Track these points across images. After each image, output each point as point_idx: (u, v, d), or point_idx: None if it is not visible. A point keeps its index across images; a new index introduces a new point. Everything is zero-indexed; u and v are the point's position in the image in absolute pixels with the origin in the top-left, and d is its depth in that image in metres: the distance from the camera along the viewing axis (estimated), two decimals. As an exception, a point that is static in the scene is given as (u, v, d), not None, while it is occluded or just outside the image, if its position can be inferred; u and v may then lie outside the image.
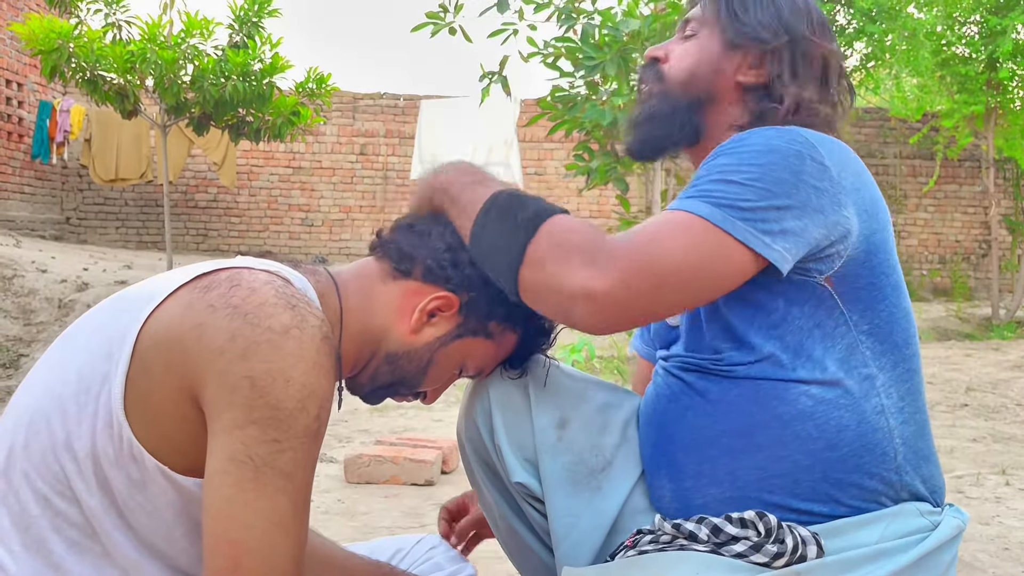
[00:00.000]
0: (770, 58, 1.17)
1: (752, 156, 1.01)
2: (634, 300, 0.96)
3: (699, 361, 1.11)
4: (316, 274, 1.06)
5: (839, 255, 1.03)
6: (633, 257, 0.96)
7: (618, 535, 1.13)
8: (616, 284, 0.94)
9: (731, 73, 1.18)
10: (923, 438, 1.09)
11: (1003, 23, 7.79)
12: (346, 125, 10.20)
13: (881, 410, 1.05)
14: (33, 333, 5.40)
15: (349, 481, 2.81)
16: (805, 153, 1.01)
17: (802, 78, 1.16)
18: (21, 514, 0.91)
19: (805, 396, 1.04)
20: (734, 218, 0.98)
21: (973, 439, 3.88)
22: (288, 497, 0.87)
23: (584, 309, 0.96)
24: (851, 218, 1.03)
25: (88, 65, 5.83)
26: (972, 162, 10.17)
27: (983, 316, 8.51)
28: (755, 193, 0.98)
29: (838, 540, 1.02)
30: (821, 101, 1.17)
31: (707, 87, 1.18)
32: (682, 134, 1.19)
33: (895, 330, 1.08)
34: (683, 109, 1.18)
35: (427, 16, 4.39)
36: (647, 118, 1.21)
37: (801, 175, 1.00)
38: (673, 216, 0.99)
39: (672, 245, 0.97)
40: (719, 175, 1.01)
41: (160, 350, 0.90)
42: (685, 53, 1.20)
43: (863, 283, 1.06)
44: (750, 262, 0.99)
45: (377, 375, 1.09)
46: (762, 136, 1.03)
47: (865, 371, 1.05)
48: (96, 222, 10.02)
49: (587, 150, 4.72)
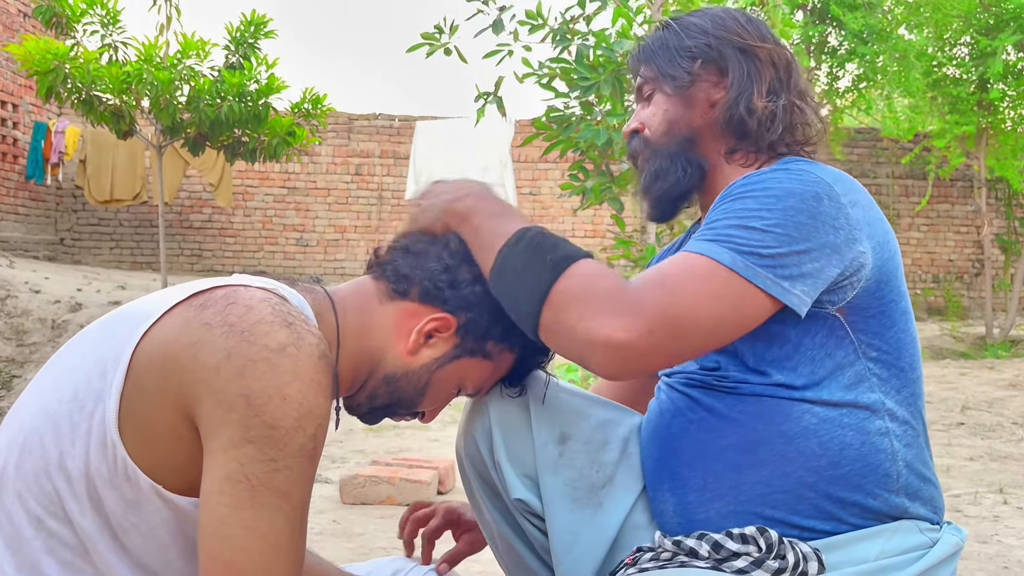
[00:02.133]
0: (722, 67, 1.19)
1: (771, 200, 1.02)
2: (655, 350, 0.97)
3: (704, 378, 1.11)
4: (313, 292, 1.06)
5: (852, 286, 1.05)
6: (657, 307, 0.96)
7: (619, 551, 1.13)
8: (640, 335, 0.95)
9: (702, 101, 1.20)
10: (924, 460, 1.10)
11: (993, 44, 7.87)
12: (341, 145, 10.23)
13: (886, 432, 1.06)
14: (26, 354, 5.37)
15: (345, 502, 2.78)
16: (822, 194, 1.03)
17: (759, 76, 1.18)
18: (14, 535, 0.90)
19: (809, 414, 1.04)
20: (756, 266, 0.99)
21: (970, 458, 3.87)
22: (285, 517, 0.86)
23: (603, 357, 0.97)
24: (866, 252, 1.05)
25: (84, 86, 5.84)
26: (964, 182, 10.23)
27: (977, 335, 8.52)
28: (775, 239, 1.00)
29: (838, 555, 1.02)
30: (793, 100, 1.20)
31: (688, 124, 1.21)
32: (688, 176, 1.20)
33: (902, 356, 1.09)
34: (678, 154, 1.21)
35: (422, 37, 4.41)
36: (652, 179, 1.22)
37: (819, 217, 1.01)
38: (696, 262, 1.00)
39: (696, 296, 0.98)
40: (739, 220, 1.02)
41: (155, 368, 0.89)
42: (654, 111, 1.24)
43: (873, 312, 1.07)
44: (769, 307, 1.01)
45: (375, 396, 1.09)
46: (779, 178, 1.05)
47: (873, 396, 1.06)
48: (90, 243, 10.00)
49: (582, 170, 4.73)
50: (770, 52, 1.20)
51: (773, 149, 1.20)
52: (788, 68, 1.21)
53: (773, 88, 1.19)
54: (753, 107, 1.17)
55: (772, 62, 1.20)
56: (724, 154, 1.20)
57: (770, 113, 1.17)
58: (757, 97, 1.17)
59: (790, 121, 1.19)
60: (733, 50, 1.19)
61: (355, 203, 10.26)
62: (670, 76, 1.21)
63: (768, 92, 1.18)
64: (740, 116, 1.17)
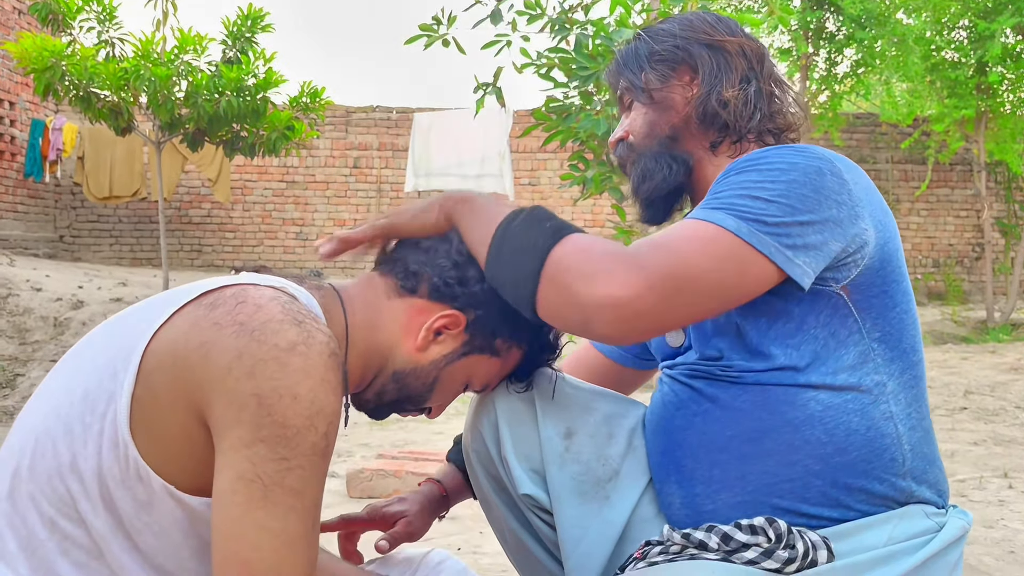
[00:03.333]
0: (692, 66, 1.21)
1: (775, 173, 1.02)
2: (656, 308, 0.96)
3: (707, 368, 1.11)
4: (321, 289, 1.06)
5: (856, 264, 1.05)
6: (658, 265, 0.96)
7: (627, 544, 1.13)
8: (640, 292, 0.95)
9: (679, 100, 1.22)
10: (929, 443, 1.10)
11: (991, 27, 7.84)
12: (339, 139, 10.21)
13: (890, 416, 1.06)
14: (29, 352, 5.38)
15: (352, 496, 2.79)
16: (825, 169, 1.03)
17: (728, 68, 1.20)
18: (28, 538, 0.90)
19: (814, 401, 1.05)
20: (760, 232, 0.99)
21: (974, 442, 3.88)
22: (298, 515, 0.87)
23: (606, 317, 0.95)
24: (868, 229, 1.05)
25: (81, 83, 5.82)
26: (963, 166, 10.21)
27: (978, 319, 8.53)
28: (780, 209, 1.00)
29: (846, 542, 1.03)
30: (766, 87, 1.21)
31: (667, 124, 1.22)
32: (673, 172, 1.22)
33: (904, 336, 1.09)
34: (662, 153, 1.22)
35: (420, 28, 4.39)
36: (640, 180, 1.24)
37: (822, 190, 1.02)
38: (698, 227, 1.00)
39: (698, 255, 0.97)
40: (743, 190, 1.02)
41: (166, 369, 0.89)
42: (635, 117, 1.26)
43: (876, 291, 1.07)
44: (773, 275, 1.00)
45: (383, 392, 1.09)
46: (783, 153, 1.05)
47: (876, 378, 1.06)
48: (90, 240, 9.99)
49: (582, 160, 4.72)
50: (740, 44, 1.21)
51: (759, 138, 1.21)
52: (760, 58, 1.23)
53: (745, 78, 1.20)
54: (725, 98, 1.18)
55: (743, 54, 1.21)
56: (708, 148, 1.22)
57: (742, 102, 1.18)
58: (728, 88, 1.18)
59: (768, 108, 1.20)
60: (700, 47, 1.21)
61: (354, 196, 10.25)
62: (643, 84, 1.23)
63: (740, 82, 1.19)
64: (714, 108, 1.19)
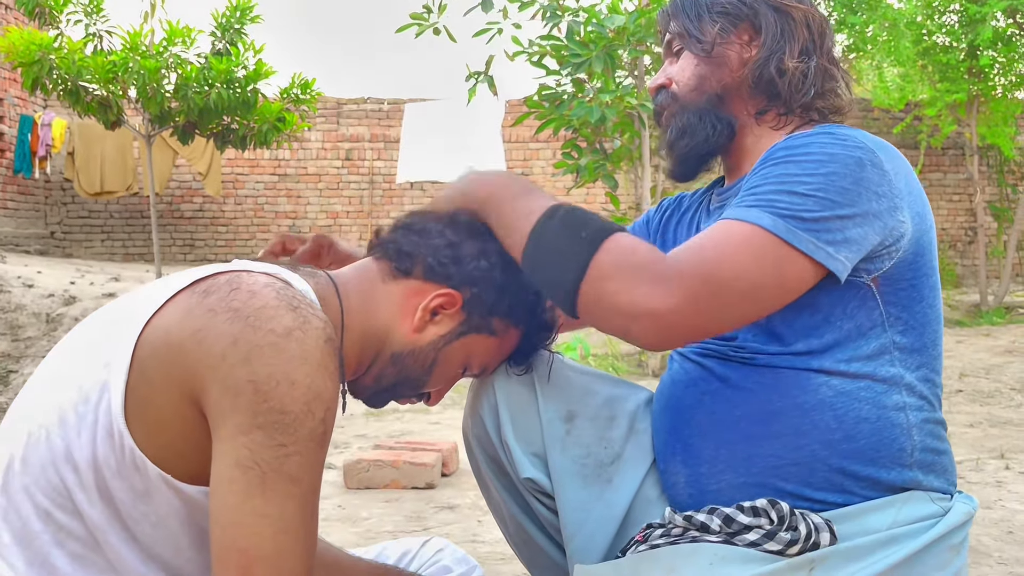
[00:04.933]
0: (755, 25, 1.17)
1: (814, 165, 1.00)
2: (698, 317, 0.95)
3: (720, 348, 1.10)
4: (315, 276, 1.04)
5: (890, 256, 1.03)
6: (699, 273, 0.94)
7: (630, 527, 1.13)
8: (682, 302, 0.93)
9: (735, 58, 1.18)
10: (939, 434, 1.09)
11: (982, 11, 7.83)
12: (331, 131, 10.17)
13: (902, 407, 1.05)
14: (22, 349, 5.35)
15: (349, 487, 2.79)
16: (865, 160, 1.01)
17: (792, 36, 1.16)
18: (22, 530, 0.89)
19: (826, 387, 1.04)
20: (798, 229, 0.97)
21: (970, 424, 3.89)
22: (296, 502, 0.86)
23: (646, 326, 0.95)
24: (906, 221, 1.03)
25: (70, 77, 5.77)
26: (956, 150, 10.22)
27: (972, 303, 8.56)
28: (818, 203, 0.98)
29: (850, 525, 1.02)
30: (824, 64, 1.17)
31: (718, 82, 1.18)
32: (717, 134, 1.18)
33: (926, 332, 1.08)
34: (708, 111, 1.18)
35: (411, 17, 4.37)
36: (679, 135, 1.19)
37: (862, 182, 0.99)
38: (736, 228, 0.98)
39: (738, 260, 0.96)
40: (780, 184, 1.00)
41: (160, 357, 0.88)
42: (685, 66, 1.20)
43: (906, 284, 1.06)
44: (813, 272, 0.99)
45: (382, 376, 1.08)
46: (822, 143, 1.02)
47: (892, 370, 1.05)
48: (81, 235, 9.94)
49: (575, 148, 4.71)
50: (805, 13, 1.17)
51: (805, 113, 1.18)
52: (822, 31, 1.18)
53: (806, 50, 1.16)
54: (784, 67, 1.14)
55: (807, 23, 1.17)
56: (754, 115, 1.18)
57: (801, 74, 1.15)
58: (789, 57, 1.15)
59: (821, 85, 1.17)
60: (767, 8, 1.17)
61: (346, 188, 10.21)
62: (701, 34, 1.18)
63: (800, 53, 1.15)
64: (770, 75, 1.15)
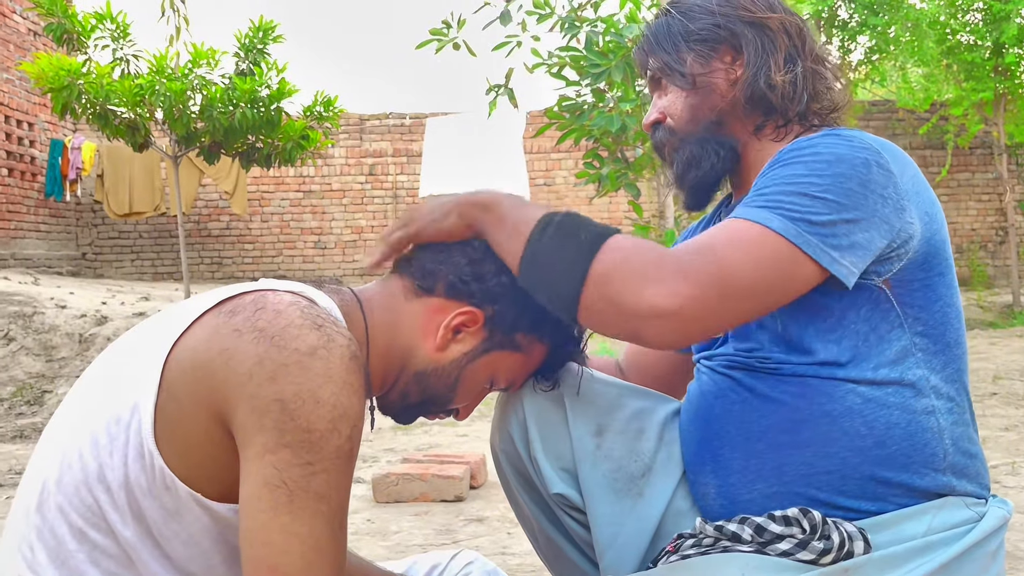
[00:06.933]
0: (734, 46, 1.16)
1: (822, 166, 1.00)
2: (705, 315, 0.94)
3: (745, 359, 1.10)
4: (340, 293, 1.06)
5: (899, 258, 1.03)
6: (704, 272, 0.94)
7: (661, 540, 1.12)
8: (688, 300, 0.93)
9: (722, 82, 1.17)
10: (970, 436, 1.08)
11: (1007, 8, 7.75)
12: (354, 146, 10.25)
13: (932, 410, 1.04)
14: (56, 369, 5.43)
15: (378, 501, 2.79)
16: (872, 160, 1.00)
17: (774, 48, 1.15)
18: (57, 549, 0.90)
19: (853, 394, 1.03)
20: (807, 233, 0.97)
21: (1005, 428, 3.82)
22: (324, 520, 0.86)
23: (654, 327, 0.94)
24: (914, 223, 1.03)
25: (98, 101, 5.87)
26: (984, 149, 10.09)
27: (1004, 304, 8.42)
28: (826, 206, 0.97)
29: (884, 533, 1.01)
30: (811, 67, 1.17)
31: (712, 107, 1.18)
32: (721, 159, 1.18)
33: (948, 330, 1.07)
34: (708, 139, 1.18)
35: (431, 33, 4.40)
36: (686, 168, 1.19)
37: (869, 185, 0.99)
38: (744, 227, 0.98)
39: (745, 260, 0.95)
40: (789, 185, 1.00)
41: (188, 377, 0.89)
42: (674, 100, 1.20)
43: (919, 284, 1.05)
44: (818, 275, 0.99)
45: (407, 394, 1.09)
46: (829, 143, 1.02)
47: (919, 372, 1.04)
48: (112, 256, 10.09)
49: (597, 157, 4.70)
50: (781, 21, 1.17)
51: (804, 119, 1.17)
52: (801, 34, 1.18)
53: (790, 57, 1.16)
54: (773, 82, 1.14)
55: (785, 31, 1.17)
56: (753, 131, 1.18)
57: (791, 84, 1.15)
58: (775, 70, 1.14)
59: (813, 88, 1.17)
60: (743, 25, 1.16)
61: (370, 203, 10.29)
62: (682, 67, 1.18)
63: (785, 62, 1.15)
64: (761, 92, 1.15)
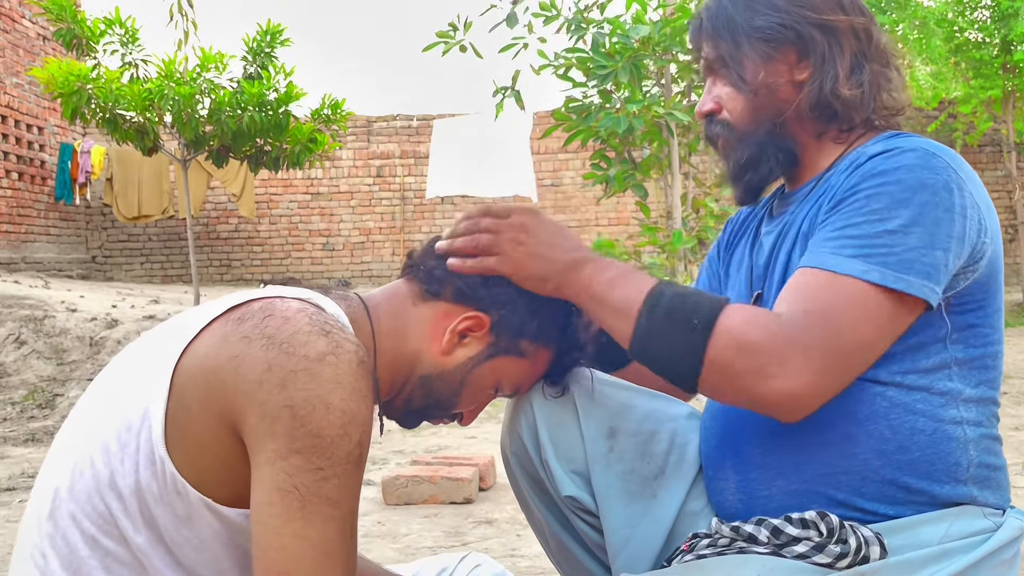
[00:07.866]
0: (800, 49, 1.12)
1: (907, 195, 0.99)
2: (831, 383, 0.97)
3: None
4: (347, 299, 1.06)
5: (966, 276, 1.03)
6: (823, 348, 0.95)
7: (675, 541, 1.12)
8: (811, 380, 0.95)
9: (785, 85, 1.13)
10: (995, 450, 1.07)
11: (1015, 5, 7.72)
12: (362, 148, 10.28)
13: (959, 421, 1.03)
14: (67, 372, 5.46)
15: (388, 503, 2.80)
16: (952, 183, 1.00)
17: (841, 53, 1.11)
18: (70, 556, 0.91)
19: (880, 397, 1.02)
20: (907, 275, 0.96)
21: (1015, 427, 3.80)
22: (336, 524, 0.87)
23: (779, 410, 0.97)
24: (987, 242, 1.03)
25: (107, 105, 5.90)
26: (993, 147, 10.04)
27: (1014, 302, 8.38)
28: (919, 239, 0.97)
29: (900, 539, 1.00)
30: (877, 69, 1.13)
31: (773, 109, 1.13)
32: (781, 162, 1.15)
33: (987, 353, 1.06)
34: (768, 141, 1.14)
35: (437, 35, 4.41)
36: (743, 170, 1.16)
37: (953, 210, 0.99)
38: (845, 287, 0.97)
39: (857, 319, 0.96)
40: (877, 223, 0.98)
41: (197, 384, 0.90)
42: (733, 94, 1.15)
43: (975, 304, 1.05)
44: (922, 306, 0.99)
45: (412, 398, 1.09)
46: (910, 167, 1.00)
47: (950, 385, 1.04)
48: (121, 259, 10.14)
49: (604, 158, 4.70)
50: (851, 24, 1.11)
51: (868, 123, 1.14)
52: (869, 36, 1.13)
53: (857, 62, 1.11)
54: (839, 91, 1.10)
55: (853, 33, 1.12)
56: (814, 135, 1.14)
57: (857, 88, 1.11)
58: (843, 79, 1.10)
59: (878, 92, 1.13)
60: (810, 28, 1.10)
61: (378, 205, 10.31)
62: (742, 68, 1.13)
63: (852, 68, 1.11)
64: (827, 100, 1.11)
